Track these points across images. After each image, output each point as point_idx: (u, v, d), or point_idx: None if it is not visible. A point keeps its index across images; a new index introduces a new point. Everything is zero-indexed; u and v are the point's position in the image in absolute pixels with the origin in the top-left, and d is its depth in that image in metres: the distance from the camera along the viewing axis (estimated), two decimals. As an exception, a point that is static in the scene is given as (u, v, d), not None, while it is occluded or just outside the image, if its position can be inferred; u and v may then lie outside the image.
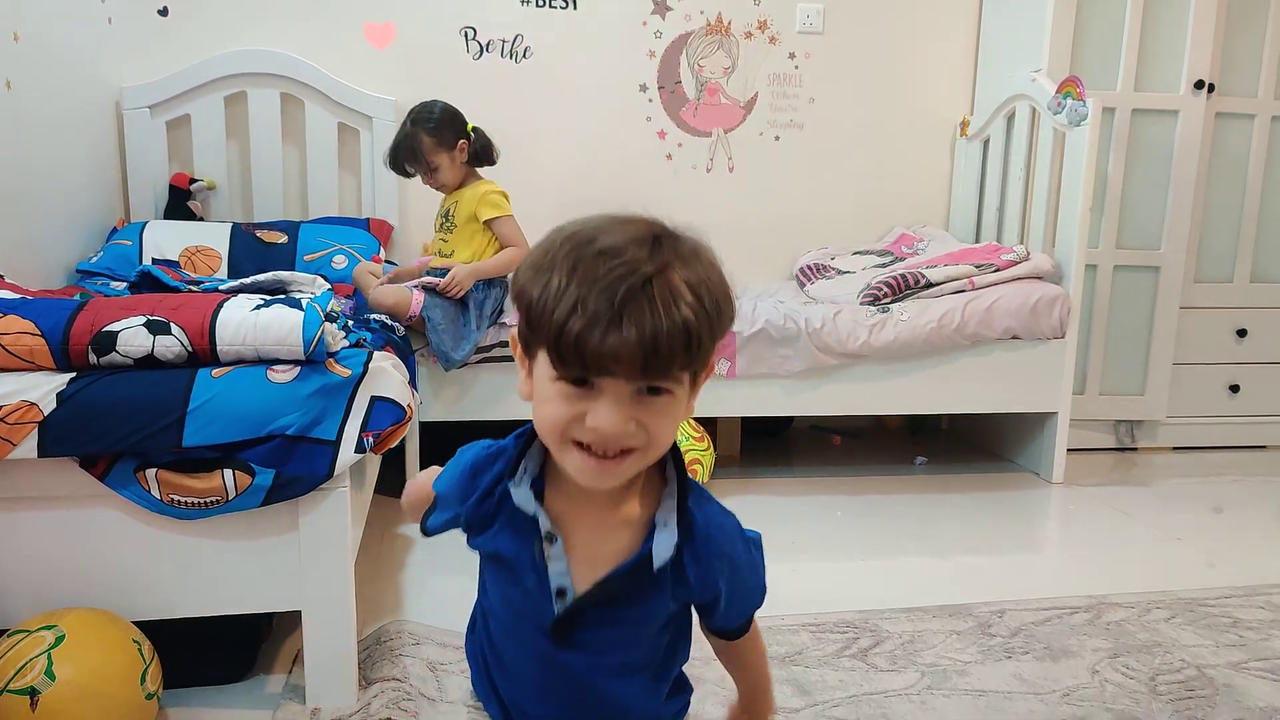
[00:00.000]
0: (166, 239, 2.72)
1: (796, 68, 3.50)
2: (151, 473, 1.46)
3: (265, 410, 1.47)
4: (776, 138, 3.53)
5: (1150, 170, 3.23)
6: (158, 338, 1.48)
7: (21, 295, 1.73)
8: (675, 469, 0.90)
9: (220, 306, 1.53)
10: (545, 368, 0.81)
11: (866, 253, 3.40)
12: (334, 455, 1.50)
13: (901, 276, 2.90)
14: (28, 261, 2.32)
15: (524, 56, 3.30)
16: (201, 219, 3.01)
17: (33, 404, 1.41)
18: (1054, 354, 2.93)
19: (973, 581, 2.22)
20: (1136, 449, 3.44)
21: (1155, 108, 3.19)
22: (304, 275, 1.99)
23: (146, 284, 2.06)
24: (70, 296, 1.89)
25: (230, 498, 1.47)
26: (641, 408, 0.79)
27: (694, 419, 2.75)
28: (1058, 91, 2.97)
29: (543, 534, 0.88)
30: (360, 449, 1.52)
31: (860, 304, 2.87)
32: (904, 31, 3.54)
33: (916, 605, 2.06)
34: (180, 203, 2.99)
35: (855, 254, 3.40)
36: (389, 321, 2.42)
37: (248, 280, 2.01)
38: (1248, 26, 3.23)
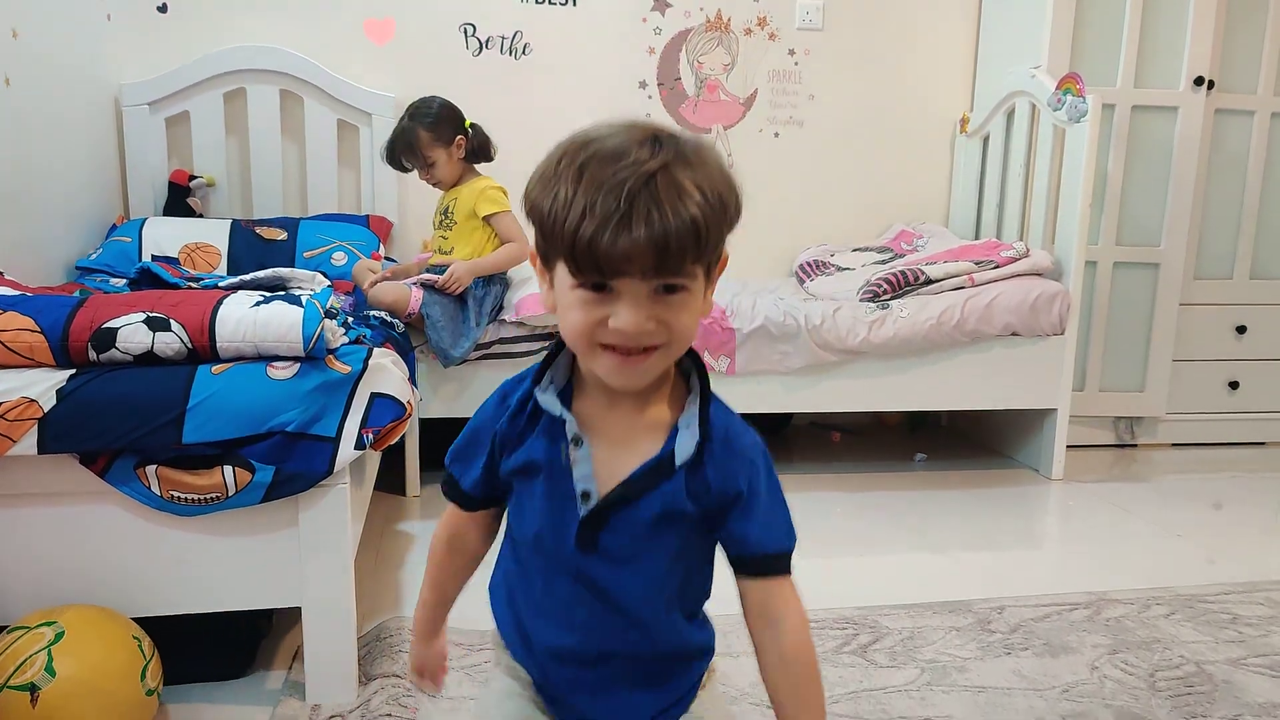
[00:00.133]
0: (166, 236, 2.72)
1: (796, 64, 3.50)
2: (151, 469, 1.46)
3: (265, 407, 1.47)
4: (776, 134, 3.53)
5: (1150, 167, 3.23)
6: (157, 334, 1.48)
7: (21, 292, 1.73)
8: (699, 378, 0.92)
9: (220, 303, 1.53)
10: (564, 277, 0.83)
11: (866, 249, 3.40)
12: (334, 452, 1.50)
13: (901, 273, 2.90)
14: (27, 258, 2.32)
15: (523, 53, 3.30)
16: (201, 216, 3.01)
17: (32, 400, 1.41)
18: (1053, 350, 2.93)
19: (972, 578, 2.22)
20: (1136, 445, 3.44)
21: (1155, 104, 3.19)
22: (303, 272, 1.99)
23: (146, 281, 2.07)
24: (70, 293, 1.89)
25: (230, 494, 1.47)
26: (660, 306, 0.82)
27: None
28: (1058, 88, 2.97)
29: (570, 437, 0.90)
30: (360, 445, 1.52)
31: (860, 300, 2.87)
32: (904, 28, 3.54)
33: (916, 602, 2.06)
34: (180, 199, 2.99)
35: (855, 251, 3.40)
36: (388, 318, 2.42)
37: (247, 277, 2.01)
38: (1247, 23, 3.23)
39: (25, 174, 2.33)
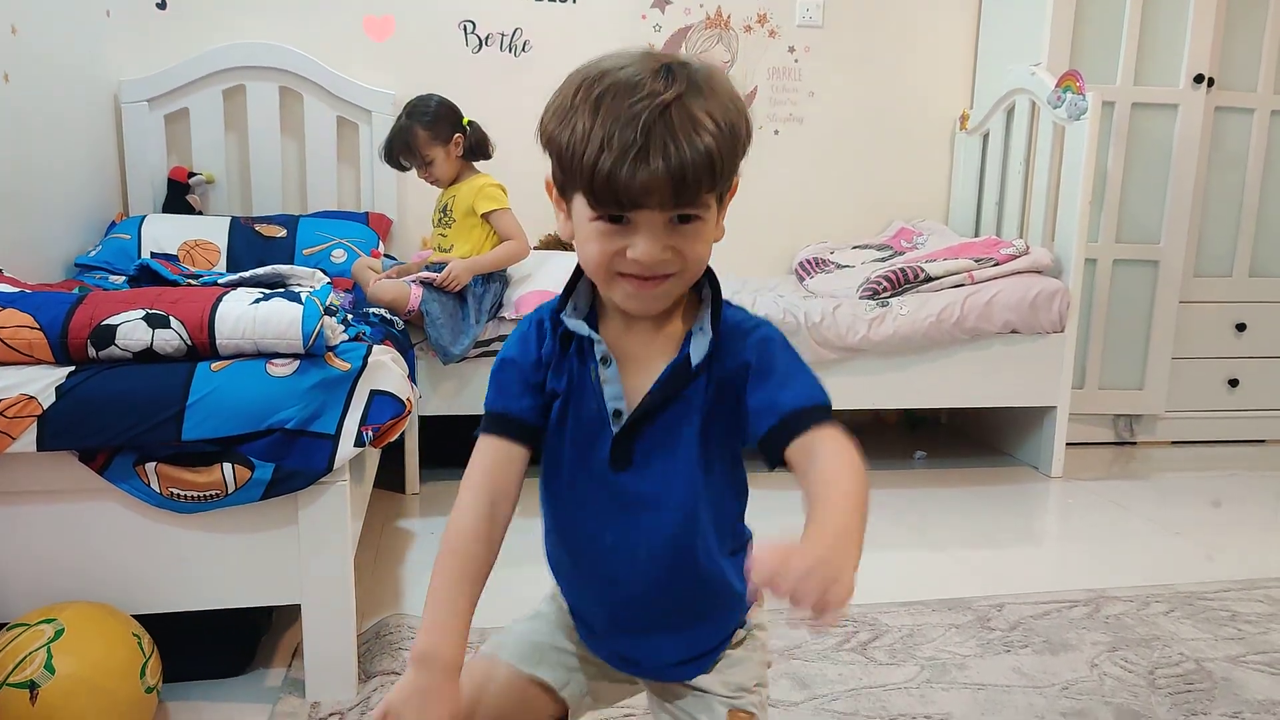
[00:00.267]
0: (165, 233, 2.72)
1: (796, 61, 3.50)
2: (151, 466, 1.46)
3: (264, 404, 1.47)
4: (776, 132, 3.53)
5: (1150, 164, 3.23)
6: (157, 331, 1.48)
7: (20, 289, 1.73)
8: (711, 289, 0.95)
9: (219, 300, 1.53)
10: (583, 208, 0.86)
11: (866, 247, 3.39)
12: (333, 449, 1.50)
13: (901, 271, 2.90)
14: (26, 255, 2.32)
15: (523, 50, 3.29)
16: (200, 213, 3.01)
17: (32, 397, 1.41)
18: (1053, 348, 2.93)
19: (972, 575, 2.23)
20: (1135, 443, 3.44)
21: (1155, 102, 3.19)
22: (303, 269, 1.99)
23: (145, 278, 2.06)
24: (69, 290, 1.88)
25: (229, 491, 1.47)
26: (676, 235, 0.85)
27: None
28: (1057, 85, 2.97)
29: (599, 357, 0.93)
30: (360, 443, 1.52)
31: (859, 298, 2.87)
32: (904, 25, 3.54)
33: (915, 599, 2.06)
34: (179, 196, 2.99)
35: (854, 248, 3.40)
36: (388, 315, 2.42)
37: (246, 274, 2.01)
38: (1247, 20, 3.23)
39: (24, 171, 2.33)
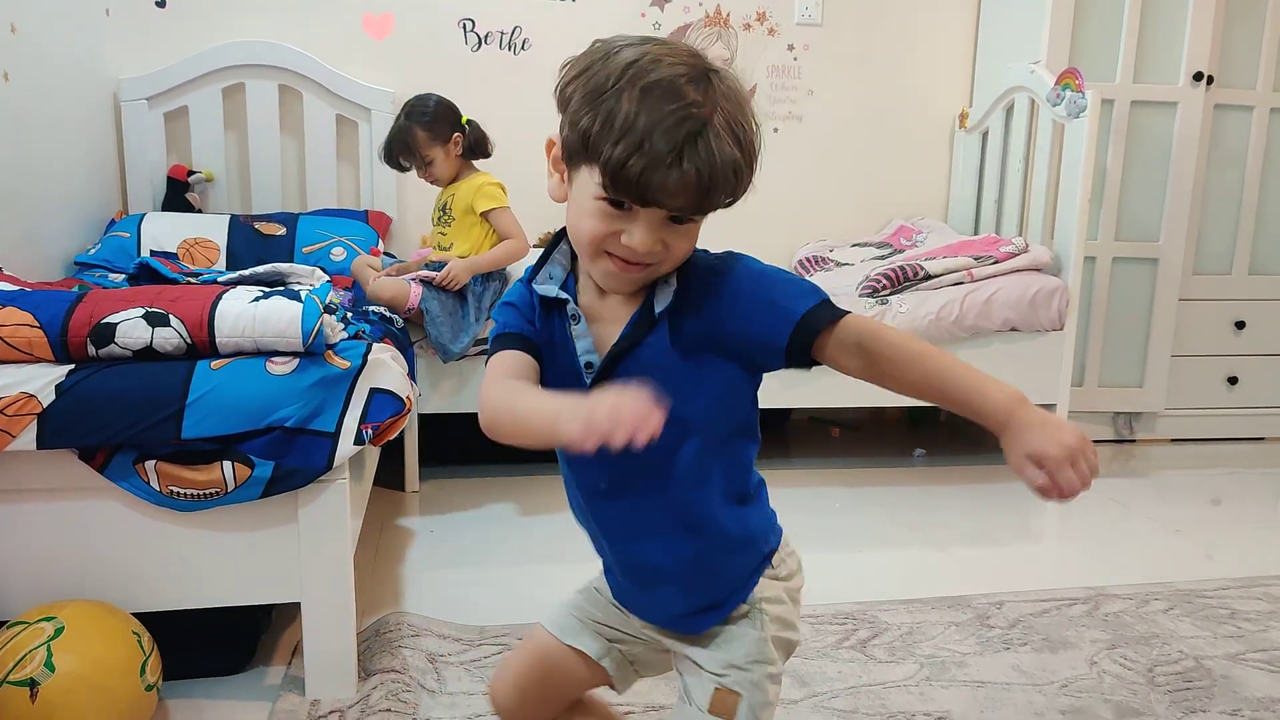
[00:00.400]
0: (165, 231, 2.72)
1: (795, 59, 3.50)
2: (151, 464, 1.46)
3: (264, 402, 1.47)
4: (775, 129, 3.53)
5: (1149, 162, 3.23)
6: (156, 329, 1.48)
7: (20, 287, 1.73)
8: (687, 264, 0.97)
9: (219, 298, 1.53)
10: (590, 185, 0.89)
11: (865, 245, 3.40)
12: (333, 447, 1.50)
13: (900, 268, 2.90)
14: (26, 253, 2.32)
15: (522, 48, 3.29)
16: (200, 211, 3.01)
17: (31, 396, 1.41)
18: (1052, 346, 2.93)
19: (971, 573, 2.23)
20: (1135, 441, 3.44)
21: (1154, 99, 3.19)
22: (303, 267, 1.99)
23: (145, 276, 2.06)
24: (69, 288, 1.89)
25: (229, 489, 1.47)
26: (669, 231, 0.90)
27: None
28: (1057, 83, 2.97)
29: (569, 314, 0.97)
30: (359, 441, 1.52)
31: (859, 296, 2.87)
32: (903, 23, 3.54)
33: (915, 597, 2.06)
34: (178, 195, 2.99)
35: (854, 246, 3.40)
36: (388, 313, 2.42)
37: (246, 272, 2.01)
38: (1247, 18, 3.23)
39: (24, 169, 2.33)
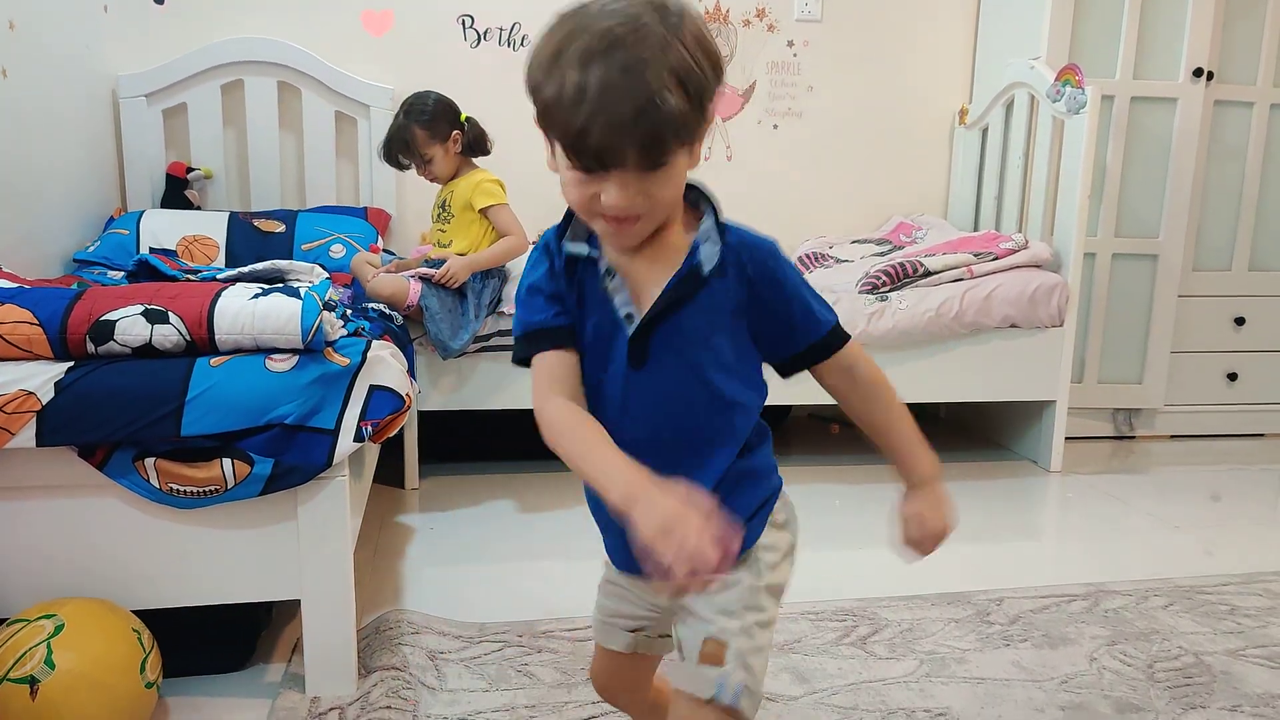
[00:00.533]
0: (164, 228, 2.72)
1: (795, 56, 3.49)
2: (150, 462, 1.46)
3: (263, 399, 1.47)
4: (775, 126, 3.52)
5: (1149, 158, 3.23)
6: (156, 327, 1.48)
7: (19, 284, 1.73)
8: (708, 202, 1.01)
9: (218, 295, 1.53)
10: (562, 155, 0.93)
11: (865, 241, 3.39)
12: (332, 444, 1.50)
13: (900, 265, 2.90)
14: (25, 251, 2.31)
15: (521, 45, 3.29)
16: (199, 208, 3.00)
17: (31, 393, 1.41)
18: (1052, 342, 2.93)
19: (971, 570, 2.23)
20: (1134, 437, 3.44)
21: (1154, 95, 3.18)
22: (302, 264, 1.99)
23: (144, 273, 2.06)
24: (68, 286, 1.88)
25: (229, 487, 1.47)
26: (645, 182, 0.91)
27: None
28: (1056, 79, 2.97)
29: (603, 270, 1.00)
30: (359, 438, 1.52)
31: (859, 292, 2.87)
32: (902, 19, 3.53)
33: (915, 593, 2.06)
34: (177, 192, 2.98)
35: (854, 242, 3.39)
36: (387, 310, 2.42)
37: (245, 269, 2.01)
38: (1247, 14, 3.22)
39: (23, 166, 2.33)
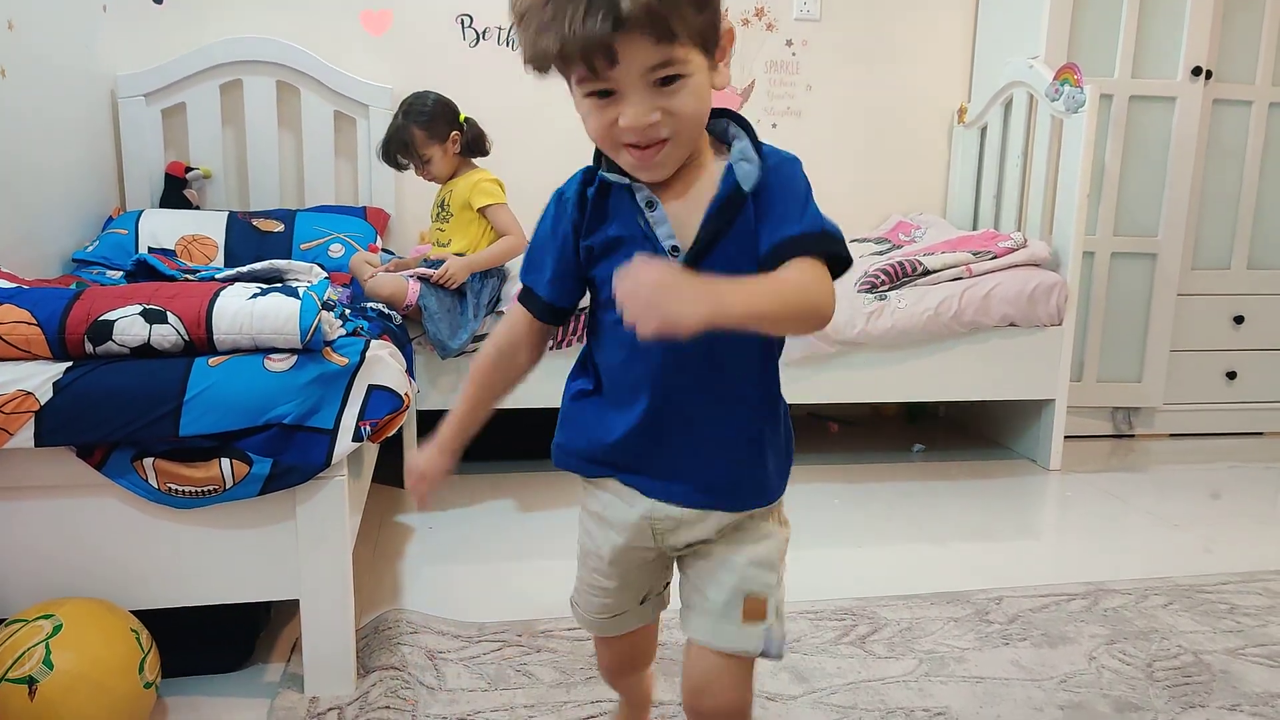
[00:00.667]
0: (162, 228, 2.71)
1: (794, 55, 3.49)
2: (149, 462, 1.46)
3: (262, 399, 1.47)
4: (774, 125, 3.52)
5: (1148, 157, 3.23)
6: (154, 327, 1.48)
7: (17, 284, 1.73)
8: (740, 125, 1.00)
9: (217, 295, 1.53)
10: (575, 89, 0.91)
11: (864, 240, 3.39)
12: (331, 444, 1.50)
13: (899, 264, 2.90)
14: (23, 251, 2.31)
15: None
16: (197, 207, 3.00)
17: (29, 393, 1.41)
18: (1051, 341, 2.93)
19: (970, 569, 2.23)
20: (1134, 436, 3.44)
21: (1153, 94, 3.18)
22: (301, 264, 1.99)
23: (143, 273, 2.06)
24: (66, 285, 1.88)
25: (228, 487, 1.47)
26: (662, 97, 0.88)
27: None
28: (1055, 78, 2.97)
29: (642, 204, 0.97)
30: (358, 438, 1.52)
31: (858, 291, 2.86)
32: (901, 18, 3.53)
33: (914, 592, 2.06)
34: (176, 191, 2.98)
35: (853, 241, 3.39)
36: (386, 310, 2.41)
37: (244, 269, 2.01)
38: (1245, 13, 3.22)
39: (21, 166, 2.33)
